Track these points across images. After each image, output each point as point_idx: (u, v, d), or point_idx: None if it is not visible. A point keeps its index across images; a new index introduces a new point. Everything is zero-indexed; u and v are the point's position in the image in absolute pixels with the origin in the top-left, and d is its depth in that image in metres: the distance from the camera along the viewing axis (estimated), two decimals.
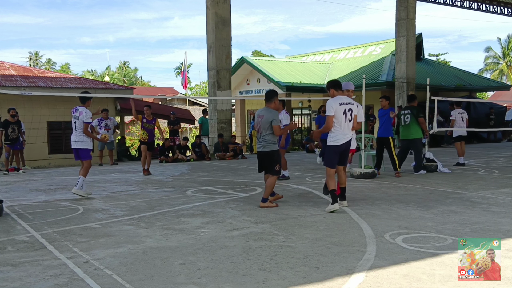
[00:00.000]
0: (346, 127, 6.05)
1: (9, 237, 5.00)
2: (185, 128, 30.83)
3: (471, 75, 26.37)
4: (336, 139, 6.04)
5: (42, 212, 6.38)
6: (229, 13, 15.58)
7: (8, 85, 15.38)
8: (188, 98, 37.50)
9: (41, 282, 3.58)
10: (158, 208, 6.49)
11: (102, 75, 53.27)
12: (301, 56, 32.28)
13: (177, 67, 56.80)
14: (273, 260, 4.00)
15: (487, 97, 40.80)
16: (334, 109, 5.97)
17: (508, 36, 47.15)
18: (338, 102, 6.02)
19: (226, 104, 15.92)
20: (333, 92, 6.18)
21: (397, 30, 19.38)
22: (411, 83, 19.25)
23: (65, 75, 23.06)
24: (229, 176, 10.20)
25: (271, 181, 6.43)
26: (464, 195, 7.11)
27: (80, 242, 4.72)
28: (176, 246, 4.49)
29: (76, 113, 7.75)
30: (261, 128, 6.40)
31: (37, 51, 60.07)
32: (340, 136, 6.04)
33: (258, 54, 47.62)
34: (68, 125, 16.54)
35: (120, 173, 11.28)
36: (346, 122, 6.03)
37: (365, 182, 8.80)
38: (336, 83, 6.30)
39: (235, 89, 25.48)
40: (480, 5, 23.87)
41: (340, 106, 6.00)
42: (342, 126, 6.02)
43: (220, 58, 15.41)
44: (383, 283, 3.42)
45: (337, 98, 6.07)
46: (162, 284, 3.47)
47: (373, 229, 4.99)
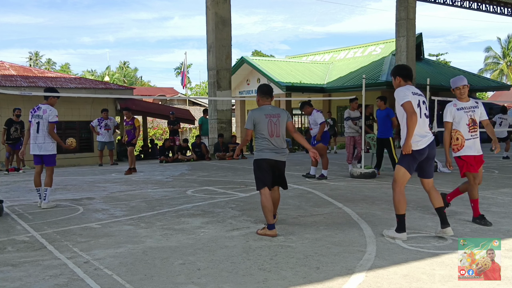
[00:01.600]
0: (422, 123, 4.64)
1: (9, 237, 5.00)
2: (185, 128, 30.85)
3: (471, 75, 26.38)
4: (414, 141, 4.56)
5: (42, 212, 6.38)
6: (229, 13, 15.58)
7: (8, 85, 15.38)
8: (188, 98, 37.51)
9: (41, 282, 3.58)
10: (158, 208, 6.49)
11: (102, 75, 53.29)
12: (301, 56, 32.28)
13: (177, 67, 56.87)
14: (273, 260, 4.00)
15: (487, 97, 40.79)
16: (408, 96, 4.57)
17: (508, 36, 47.17)
18: (411, 90, 4.65)
19: (226, 104, 15.92)
20: (400, 83, 4.77)
21: (397, 30, 19.39)
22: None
23: (65, 75, 23.06)
24: (229, 176, 10.20)
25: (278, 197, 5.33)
26: (464, 195, 7.09)
27: (80, 242, 4.71)
28: (176, 246, 4.49)
29: (39, 111, 6.75)
30: (280, 129, 5.02)
31: (37, 51, 60.18)
32: (417, 138, 4.58)
33: (258, 54, 47.61)
34: (69, 125, 16.70)
35: (120, 173, 11.28)
36: (422, 117, 4.65)
37: (365, 182, 8.80)
38: (406, 72, 4.80)
39: (235, 89, 25.50)
40: (480, 5, 23.87)
41: (414, 96, 4.62)
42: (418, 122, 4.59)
43: (220, 58, 15.42)
44: (383, 283, 3.42)
45: (409, 87, 4.69)
46: (162, 284, 3.47)
47: (373, 229, 4.99)
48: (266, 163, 5.00)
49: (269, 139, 4.97)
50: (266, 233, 4.85)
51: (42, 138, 6.69)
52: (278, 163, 5.04)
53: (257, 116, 5.03)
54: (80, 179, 10.42)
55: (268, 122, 4.98)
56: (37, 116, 6.72)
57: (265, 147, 5.00)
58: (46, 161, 6.77)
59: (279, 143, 5.01)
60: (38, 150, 6.69)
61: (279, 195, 5.30)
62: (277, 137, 5.00)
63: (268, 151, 4.99)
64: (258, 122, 5.00)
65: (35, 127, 6.69)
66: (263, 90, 5.25)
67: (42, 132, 6.69)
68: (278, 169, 5.07)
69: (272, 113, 5.05)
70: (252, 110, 5.08)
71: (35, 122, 6.71)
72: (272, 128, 4.98)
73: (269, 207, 4.87)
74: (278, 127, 5.00)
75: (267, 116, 5.01)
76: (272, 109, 5.10)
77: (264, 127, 4.97)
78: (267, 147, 4.99)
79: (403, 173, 4.64)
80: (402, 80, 4.76)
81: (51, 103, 6.85)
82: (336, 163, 12.49)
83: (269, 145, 4.98)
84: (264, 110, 5.08)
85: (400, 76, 4.77)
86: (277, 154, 5.00)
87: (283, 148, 5.07)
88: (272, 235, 4.80)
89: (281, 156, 5.03)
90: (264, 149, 5.01)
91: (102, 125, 14.11)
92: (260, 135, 5.00)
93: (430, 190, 4.77)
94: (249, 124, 5.08)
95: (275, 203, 5.18)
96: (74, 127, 16.87)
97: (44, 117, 6.70)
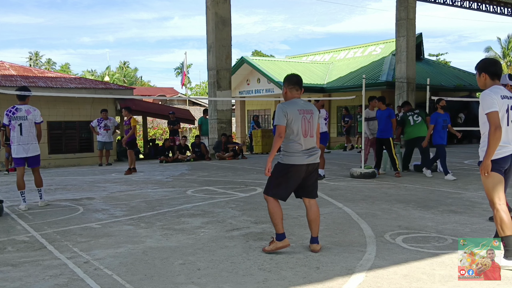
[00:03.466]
0: (510, 132, 3.87)
1: (9, 237, 5.00)
2: (185, 128, 30.85)
3: (471, 75, 26.34)
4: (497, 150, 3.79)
5: (42, 212, 6.38)
6: (229, 13, 15.57)
7: (8, 85, 15.37)
8: (188, 98, 37.52)
9: (41, 282, 3.58)
10: (158, 208, 6.49)
11: (102, 75, 53.26)
12: (301, 56, 32.27)
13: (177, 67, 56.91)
14: (273, 260, 4.00)
15: None
16: (497, 102, 3.78)
17: (508, 36, 47.08)
18: (500, 94, 3.84)
19: (226, 104, 15.91)
20: (487, 80, 3.96)
21: (397, 30, 19.37)
22: (411, 83, 19.24)
23: (65, 75, 23.05)
24: (229, 176, 10.20)
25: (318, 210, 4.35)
26: (464, 195, 7.11)
27: (80, 242, 4.72)
28: (176, 246, 4.49)
29: (20, 112, 6.47)
30: (313, 128, 4.25)
31: (37, 51, 60.10)
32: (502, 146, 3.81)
33: (258, 54, 47.63)
34: (69, 125, 16.68)
35: (120, 173, 11.28)
36: (509, 124, 3.87)
37: (365, 182, 8.80)
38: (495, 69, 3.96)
39: (235, 89, 25.49)
40: (480, 5, 23.86)
41: (503, 101, 3.83)
42: (504, 129, 3.82)
43: (220, 58, 15.41)
44: (383, 283, 3.42)
45: (497, 89, 3.87)
46: (162, 284, 3.47)
47: (373, 229, 4.99)
48: (296, 171, 4.14)
49: (301, 140, 4.13)
50: (276, 246, 4.16)
51: (28, 139, 6.49)
52: (311, 167, 4.19)
53: (290, 111, 4.11)
54: (80, 179, 10.42)
55: (302, 119, 4.12)
56: (19, 118, 6.46)
57: (296, 150, 4.14)
58: (33, 162, 6.60)
59: (311, 144, 4.20)
60: (24, 153, 6.49)
61: (318, 209, 4.30)
62: (311, 137, 4.19)
63: (301, 154, 4.13)
64: (291, 118, 4.10)
65: (17, 129, 6.43)
66: (292, 80, 4.30)
67: (27, 133, 6.46)
68: (310, 175, 4.23)
69: (306, 109, 4.20)
70: (281, 104, 4.20)
71: (17, 124, 6.44)
72: (306, 127, 4.14)
73: (278, 213, 4.16)
74: (312, 126, 4.19)
75: (300, 112, 4.14)
76: (305, 104, 4.25)
77: (298, 125, 4.10)
78: (299, 149, 4.13)
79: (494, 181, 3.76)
80: (489, 78, 3.95)
81: (28, 102, 6.67)
82: (336, 163, 12.49)
83: (301, 147, 4.13)
84: (296, 104, 4.19)
85: (487, 73, 3.95)
86: (310, 156, 4.16)
87: (315, 149, 4.24)
88: (284, 246, 4.17)
89: (314, 158, 4.20)
90: (295, 152, 4.13)
91: (102, 126, 14.15)
92: (291, 135, 4.13)
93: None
94: (282, 119, 4.09)
95: (315, 221, 4.25)
96: (74, 127, 16.85)
97: (29, 118, 6.49)
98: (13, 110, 6.52)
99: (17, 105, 6.59)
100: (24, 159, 6.60)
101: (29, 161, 6.62)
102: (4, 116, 6.59)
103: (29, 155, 6.57)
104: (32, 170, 6.74)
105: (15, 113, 6.50)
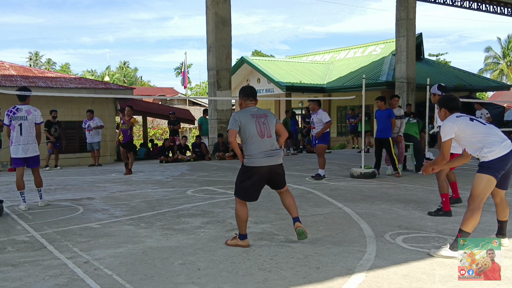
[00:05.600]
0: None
1: (9, 237, 5.00)
2: (185, 128, 30.85)
3: (471, 75, 26.37)
4: (491, 152, 4.03)
5: (42, 212, 6.38)
6: (229, 13, 15.57)
7: (8, 85, 15.38)
8: (188, 98, 37.52)
9: (41, 282, 3.58)
10: (158, 208, 6.49)
11: (102, 75, 53.27)
12: (301, 56, 32.30)
13: (177, 67, 56.89)
14: (273, 260, 4.00)
15: (487, 97, 40.79)
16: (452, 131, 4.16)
17: (508, 36, 47.13)
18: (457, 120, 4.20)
19: (226, 104, 15.92)
20: (446, 114, 4.34)
21: (397, 30, 19.38)
22: (411, 83, 19.25)
23: (65, 75, 23.06)
24: (229, 176, 10.19)
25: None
26: (464, 195, 7.10)
27: (80, 242, 4.72)
28: (176, 246, 4.49)
29: (21, 113, 6.47)
30: (270, 130, 4.56)
31: (37, 51, 60.12)
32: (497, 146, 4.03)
33: (258, 54, 47.62)
34: (69, 125, 16.68)
35: (120, 173, 11.28)
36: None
37: (365, 182, 8.80)
38: (452, 104, 4.33)
39: (235, 89, 25.46)
40: (480, 5, 23.85)
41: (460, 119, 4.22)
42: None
43: (220, 58, 15.41)
44: (383, 283, 3.42)
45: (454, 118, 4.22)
46: (162, 284, 3.47)
47: (373, 229, 4.99)
48: (258, 173, 4.33)
49: (259, 141, 4.33)
50: (237, 243, 4.39)
51: (27, 139, 6.48)
52: (274, 168, 4.40)
53: (242, 117, 4.41)
54: (80, 179, 10.42)
55: (255, 122, 4.38)
56: (19, 118, 6.48)
57: (256, 152, 4.33)
58: (32, 163, 6.60)
59: (270, 144, 4.39)
60: (23, 153, 6.49)
61: (291, 195, 4.61)
62: (268, 138, 4.39)
63: (261, 156, 4.32)
64: (245, 123, 4.37)
65: (17, 129, 6.45)
66: (246, 92, 4.62)
67: (27, 133, 6.47)
68: (277, 175, 4.45)
69: (259, 113, 4.48)
70: (235, 112, 4.55)
71: (17, 124, 6.46)
72: (262, 128, 4.38)
73: (243, 217, 4.38)
74: (268, 127, 4.42)
75: (253, 116, 4.42)
76: (258, 110, 4.53)
77: (252, 128, 4.35)
78: (259, 150, 4.32)
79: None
80: (448, 111, 4.32)
81: (29, 103, 6.69)
82: (336, 163, 12.49)
83: (260, 148, 4.32)
84: (249, 111, 4.50)
85: (446, 108, 4.33)
86: (271, 157, 4.36)
87: (277, 149, 4.44)
88: (244, 246, 4.37)
89: (276, 158, 4.41)
90: (255, 154, 4.33)
91: (86, 127, 14.15)
92: (249, 139, 4.35)
93: (500, 199, 4.30)
94: (234, 125, 4.38)
95: (291, 205, 4.55)
96: (74, 127, 16.87)
97: (30, 118, 6.51)
98: (13, 110, 6.55)
99: (18, 105, 6.61)
100: (24, 160, 6.60)
101: (28, 162, 6.63)
102: (5, 116, 6.62)
103: (28, 156, 6.56)
104: (31, 171, 6.75)
105: (16, 113, 6.52)
